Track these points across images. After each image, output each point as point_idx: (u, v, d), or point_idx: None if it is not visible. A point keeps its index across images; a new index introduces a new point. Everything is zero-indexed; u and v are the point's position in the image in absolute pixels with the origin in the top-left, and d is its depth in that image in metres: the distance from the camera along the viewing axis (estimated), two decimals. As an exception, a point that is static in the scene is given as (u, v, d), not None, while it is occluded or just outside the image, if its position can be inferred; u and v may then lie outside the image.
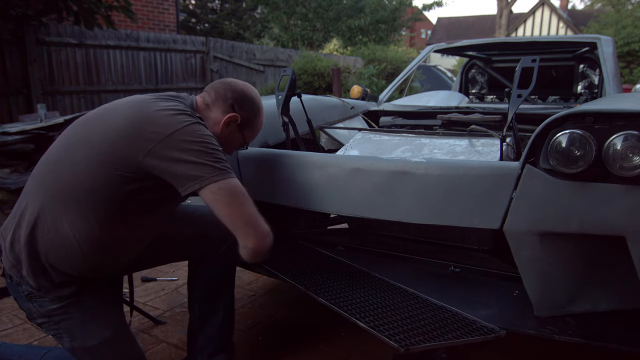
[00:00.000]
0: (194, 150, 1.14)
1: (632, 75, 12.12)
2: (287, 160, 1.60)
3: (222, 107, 1.36)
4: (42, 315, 1.23)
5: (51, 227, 1.17)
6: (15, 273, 1.21)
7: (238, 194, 1.18)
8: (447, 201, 1.33)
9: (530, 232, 1.23)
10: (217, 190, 1.14)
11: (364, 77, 7.90)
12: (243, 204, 1.18)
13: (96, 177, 1.15)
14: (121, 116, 1.20)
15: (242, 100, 1.38)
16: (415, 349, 1.12)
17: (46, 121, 4.12)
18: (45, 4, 5.21)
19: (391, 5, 14.85)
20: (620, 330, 1.26)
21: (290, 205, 1.63)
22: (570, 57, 3.33)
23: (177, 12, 9.46)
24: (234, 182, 1.18)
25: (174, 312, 2.10)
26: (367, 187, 1.45)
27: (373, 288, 1.49)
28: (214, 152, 1.17)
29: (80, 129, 1.25)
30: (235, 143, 1.43)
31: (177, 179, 1.15)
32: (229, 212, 1.17)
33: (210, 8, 17.88)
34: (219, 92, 1.37)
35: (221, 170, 1.15)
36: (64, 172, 1.18)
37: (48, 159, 1.24)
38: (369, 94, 2.79)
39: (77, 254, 1.18)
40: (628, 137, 1.11)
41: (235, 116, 1.36)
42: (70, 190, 1.16)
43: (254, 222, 1.19)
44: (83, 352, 1.25)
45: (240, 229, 1.18)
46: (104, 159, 1.15)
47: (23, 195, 1.25)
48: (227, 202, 1.16)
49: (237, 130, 1.39)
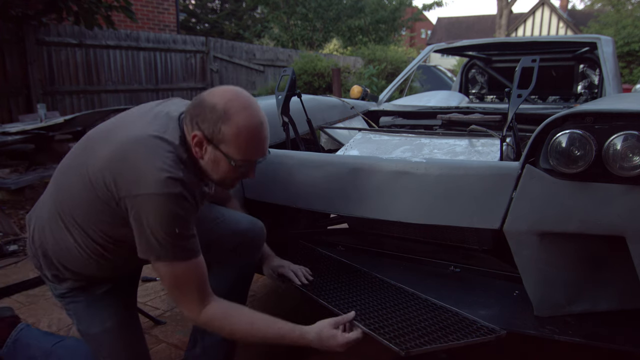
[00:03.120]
0: (149, 224, 1.07)
1: (632, 75, 12.12)
2: (287, 160, 1.60)
3: (190, 129, 1.14)
4: (56, 295, 1.32)
5: (58, 236, 1.22)
6: (35, 262, 1.30)
7: (174, 279, 1.14)
8: (447, 201, 1.33)
9: (530, 232, 1.23)
10: (157, 267, 1.13)
11: (364, 77, 7.90)
12: (175, 288, 1.16)
13: (86, 202, 1.15)
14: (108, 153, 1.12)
15: (200, 111, 1.12)
16: (416, 352, 1.12)
17: (46, 121, 4.13)
18: (45, 4, 5.21)
19: (391, 5, 14.85)
20: (620, 330, 1.26)
21: (290, 205, 1.63)
22: (570, 57, 3.33)
23: (177, 12, 9.45)
24: (176, 267, 1.12)
25: (174, 312, 2.10)
26: (367, 187, 1.44)
27: (373, 288, 1.48)
28: (168, 235, 1.07)
29: (81, 150, 1.23)
30: (224, 168, 1.16)
31: (135, 235, 1.11)
32: (168, 291, 1.20)
33: (210, 8, 17.86)
34: (187, 112, 1.16)
35: (166, 254, 1.10)
36: (64, 189, 1.21)
37: (59, 169, 1.27)
38: (369, 94, 2.79)
39: (84, 262, 1.22)
40: (628, 137, 1.11)
41: (195, 135, 1.12)
42: (68, 207, 1.19)
43: (183, 307, 1.18)
44: (88, 337, 1.31)
45: (175, 302, 1.23)
46: (92, 188, 1.13)
47: (42, 196, 1.30)
48: (166, 283, 1.16)
49: (214, 150, 1.13)
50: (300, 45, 13.11)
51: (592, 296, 1.31)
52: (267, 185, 1.65)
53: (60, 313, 2.02)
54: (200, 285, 1.16)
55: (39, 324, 1.96)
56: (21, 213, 3.51)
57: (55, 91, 6.08)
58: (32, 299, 2.19)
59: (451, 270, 1.63)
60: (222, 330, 1.20)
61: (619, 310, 1.30)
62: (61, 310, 2.01)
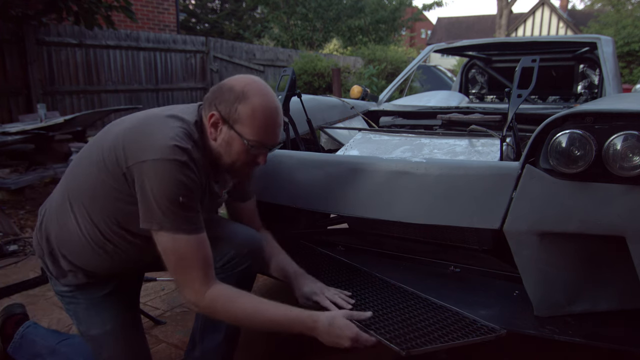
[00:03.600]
0: (154, 191, 1.07)
1: (632, 75, 12.13)
2: (287, 160, 1.60)
3: (207, 113, 1.19)
4: (56, 293, 1.32)
5: (63, 221, 1.23)
6: (39, 251, 1.30)
7: (177, 254, 1.11)
8: (447, 201, 1.33)
9: (530, 232, 1.23)
10: (159, 239, 1.11)
11: (364, 77, 7.90)
12: (178, 265, 1.12)
13: (94, 182, 1.18)
14: (125, 128, 1.19)
15: (218, 94, 1.18)
16: (417, 352, 1.12)
17: (46, 121, 4.12)
18: (45, 4, 5.20)
19: (391, 5, 14.86)
20: (620, 330, 1.26)
21: (290, 205, 1.62)
22: (570, 57, 3.33)
23: (177, 12, 9.46)
24: (179, 240, 1.10)
25: (174, 312, 2.10)
26: (367, 187, 1.44)
27: (373, 288, 1.48)
28: (172, 204, 1.07)
29: (103, 133, 1.27)
30: (237, 148, 1.19)
31: (140, 205, 1.11)
32: (171, 271, 1.14)
33: (210, 8, 17.87)
34: (205, 99, 1.23)
35: (170, 223, 1.09)
36: (77, 172, 1.25)
37: (77, 155, 1.31)
38: (369, 94, 2.79)
39: (84, 251, 1.23)
40: (628, 137, 1.11)
41: (212, 115, 1.17)
42: (78, 190, 1.22)
43: (186, 287, 1.14)
44: (88, 338, 1.31)
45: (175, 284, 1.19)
46: (102, 165, 1.16)
47: (59, 182, 1.32)
48: (169, 259, 1.12)
49: (229, 130, 1.17)
50: (300, 45, 13.11)
51: (592, 296, 1.31)
52: (267, 185, 1.65)
53: (60, 313, 2.02)
54: (204, 264, 1.13)
55: (39, 324, 1.96)
56: (21, 213, 3.51)
57: (55, 91, 6.08)
58: (32, 299, 2.19)
59: (451, 270, 1.63)
60: (226, 313, 1.15)
61: (619, 310, 1.30)
62: (61, 311, 2.02)
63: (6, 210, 3.46)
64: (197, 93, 7.98)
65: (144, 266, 1.42)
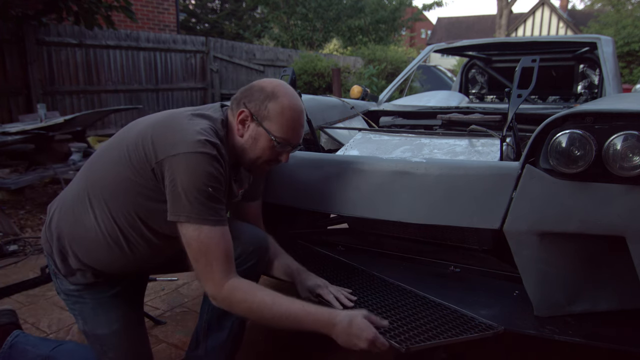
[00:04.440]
0: (184, 182, 1.11)
1: (632, 75, 12.13)
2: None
3: (236, 110, 1.27)
4: (62, 292, 1.31)
5: (80, 217, 1.24)
6: (47, 248, 1.30)
7: (200, 245, 1.13)
8: (447, 201, 1.33)
9: (530, 232, 1.23)
10: (184, 230, 1.13)
11: (364, 77, 7.91)
12: (201, 256, 1.14)
13: (117, 178, 1.19)
14: (150, 124, 1.22)
15: (248, 93, 1.26)
16: (416, 348, 1.12)
17: (46, 121, 4.12)
18: (45, 4, 5.20)
19: (391, 5, 14.86)
20: (620, 330, 1.26)
21: (290, 205, 1.62)
22: (570, 57, 3.33)
23: (177, 12, 9.45)
24: (204, 232, 1.12)
25: (174, 312, 2.10)
26: (367, 187, 1.44)
27: (373, 287, 1.49)
28: (201, 194, 1.11)
29: (125, 129, 1.29)
30: (263, 144, 1.25)
31: (167, 200, 1.14)
32: (193, 261, 1.16)
33: (210, 8, 17.87)
34: (233, 99, 1.30)
35: (197, 214, 1.11)
36: (97, 167, 1.26)
37: (96, 152, 1.32)
38: (369, 94, 2.79)
39: (98, 248, 1.23)
40: (628, 137, 1.11)
41: (242, 111, 1.24)
42: (99, 185, 1.23)
43: (207, 277, 1.15)
44: (93, 338, 1.30)
45: (196, 276, 1.18)
46: (127, 162, 1.18)
47: (74, 179, 1.33)
48: (193, 250, 1.14)
49: (257, 127, 1.24)
50: (300, 45, 13.11)
51: (592, 296, 1.31)
52: (267, 185, 1.65)
53: (60, 313, 2.03)
54: (226, 255, 1.16)
55: (39, 324, 1.96)
56: (21, 213, 3.51)
57: (55, 91, 6.08)
58: (32, 299, 2.19)
59: (451, 270, 1.63)
60: (243, 304, 1.15)
61: (619, 310, 1.31)
62: (61, 311, 2.02)
63: (6, 210, 3.46)
64: (197, 93, 7.98)
65: (154, 267, 1.42)
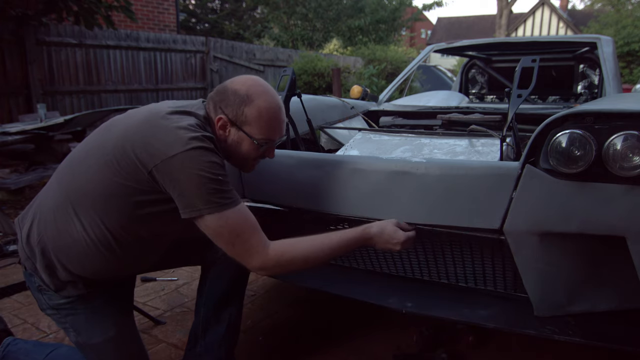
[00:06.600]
0: (191, 178, 1.10)
1: (632, 75, 12.13)
2: (287, 160, 1.60)
3: (214, 114, 1.25)
4: (51, 307, 1.26)
5: (64, 227, 1.18)
6: (29, 265, 1.23)
7: (230, 229, 1.14)
8: (447, 201, 1.33)
9: (530, 232, 1.23)
10: (209, 223, 1.13)
11: (364, 77, 7.90)
12: (235, 238, 1.15)
13: (106, 185, 1.15)
14: (133, 126, 1.18)
15: (224, 97, 1.23)
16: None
17: (46, 121, 4.13)
18: (45, 4, 5.21)
19: (391, 5, 14.84)
20: (620, 330, 1.26)
21: (290, 205, 1.62)
22: (570, 57, 3.33)
23: (177, 12, 9.45)
24: (228, 216, 1.13)
25: (174, 312, 2.10)
26: (367, 187, 1.44)
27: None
28: (212, 182, 1.11)
29: (102, 132, 1.25)
30: (247, 147, 1.26)
31: (176, 200, 1.14)
32: (228, 248, 1.17)
33: (210, 8, 17.86)
34: (210, 99, 1.27)
35: (216, 203, 1.11)
36: (80, 174, 1.20)
37: (71, 158, 1.27)
38: (369, 94, 2.79)
39: (88, 256, 1.19)
40: (628, 137, 1.11)
41: (220, 118, 1.23)
42: (84, 193, 1.17)
43: (249, 255, 1.16)
44: (88, 348, 1.27)
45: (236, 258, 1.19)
46: (115, 168, 1.14)
47: (43, 190, 1.28)
48: (224, 239, 1.15)
49: (238, 132, 1.24)
50: (300, 45, 13.11)
51: (592, 296, 1.31)
52: (267, 186, 1.65)
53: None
54: (256, 227, 1.17)
55: (38, 324, 1.96)
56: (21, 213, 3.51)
57: (55, 91, 6.08)
58: (32, 299, 2.18)
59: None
60: (296, 260, 1.19)
61: (619, 310, 1.31)
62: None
63: (6, 210, 3.47)
64: (197, 93, 7.98)
65: (149, 267, 1.42)
